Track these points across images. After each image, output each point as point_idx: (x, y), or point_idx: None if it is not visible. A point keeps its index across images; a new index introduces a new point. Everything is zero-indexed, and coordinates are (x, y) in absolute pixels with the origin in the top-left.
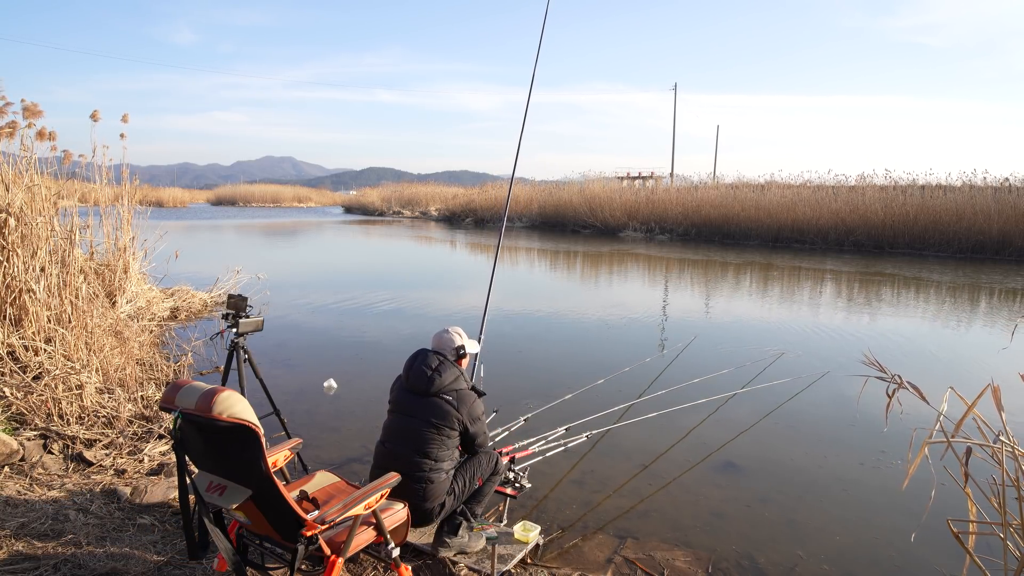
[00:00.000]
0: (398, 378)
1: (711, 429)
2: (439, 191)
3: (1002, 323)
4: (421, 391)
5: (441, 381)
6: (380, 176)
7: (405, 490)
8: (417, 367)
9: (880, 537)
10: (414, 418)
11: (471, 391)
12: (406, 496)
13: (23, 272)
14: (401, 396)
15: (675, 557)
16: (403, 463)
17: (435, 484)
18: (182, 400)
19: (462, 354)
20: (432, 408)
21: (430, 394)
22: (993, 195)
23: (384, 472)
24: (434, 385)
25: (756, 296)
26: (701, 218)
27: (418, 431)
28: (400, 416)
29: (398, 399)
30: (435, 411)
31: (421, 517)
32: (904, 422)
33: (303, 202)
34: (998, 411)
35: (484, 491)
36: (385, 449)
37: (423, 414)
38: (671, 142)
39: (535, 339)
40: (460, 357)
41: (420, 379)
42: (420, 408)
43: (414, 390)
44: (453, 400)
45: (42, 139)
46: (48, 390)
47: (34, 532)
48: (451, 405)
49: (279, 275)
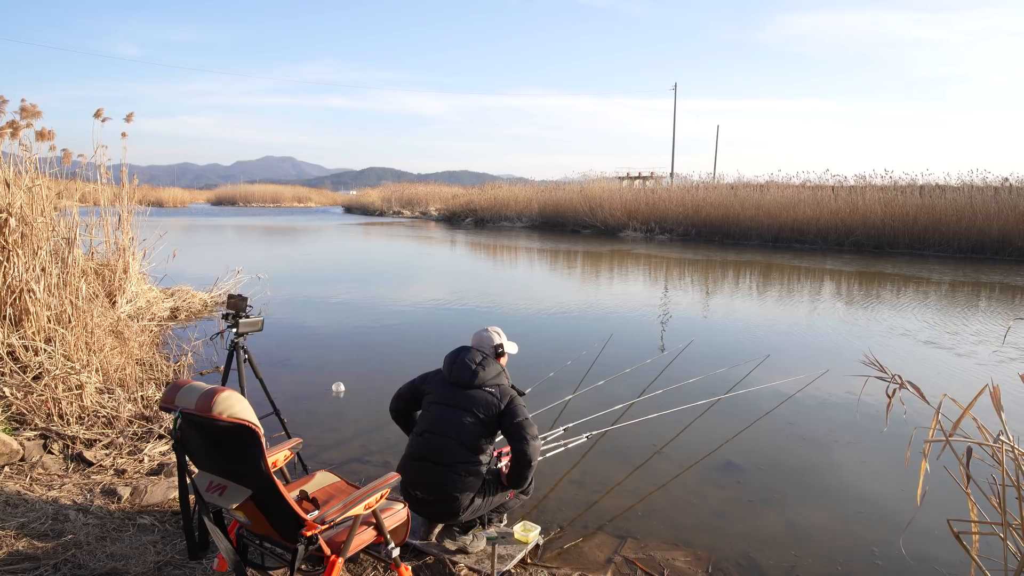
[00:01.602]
0: (433, 373)
1: (711, 429)
2: (439, 191)
3: (1003, 323)
4: (464, 384)
5: (485, 374)
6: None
7: (441, 479)
8: (461, 361)
9: (880, 537)
10: (458, 409)
11: (512, 388)
12: (441, 485)
13: (23, 272)
14: (443, 389)
15: (675, 557)
16: (442, 453)
17: (472, 477)
18: (182, 400)
19: (500, 352)
20: (475, 400)
21: (473, 386)
22: (993, 195)
23: (419, 463)
24: (478, 378)
25: (756, 296)
26: (701, 218)
27: (461, 421)
28: (442, 407)
29: (440, 391)
30: (478, 403)
31: (449, 510)
32: (905, 422)
33: (303, 202)
34: (997, 412)
35: (509, 505)
36: (423, 439)
37: (467, 405)
38: (671, 142)
39: (535, 339)
40: (499, 355)
41: (464, 372)
42: (463, 400)
43: (457, 383)
44: (496, 393)
45: (42, 139)
46: (48, 390)
47: (34, 532)
48: (495, 397)
49: (279, 275)
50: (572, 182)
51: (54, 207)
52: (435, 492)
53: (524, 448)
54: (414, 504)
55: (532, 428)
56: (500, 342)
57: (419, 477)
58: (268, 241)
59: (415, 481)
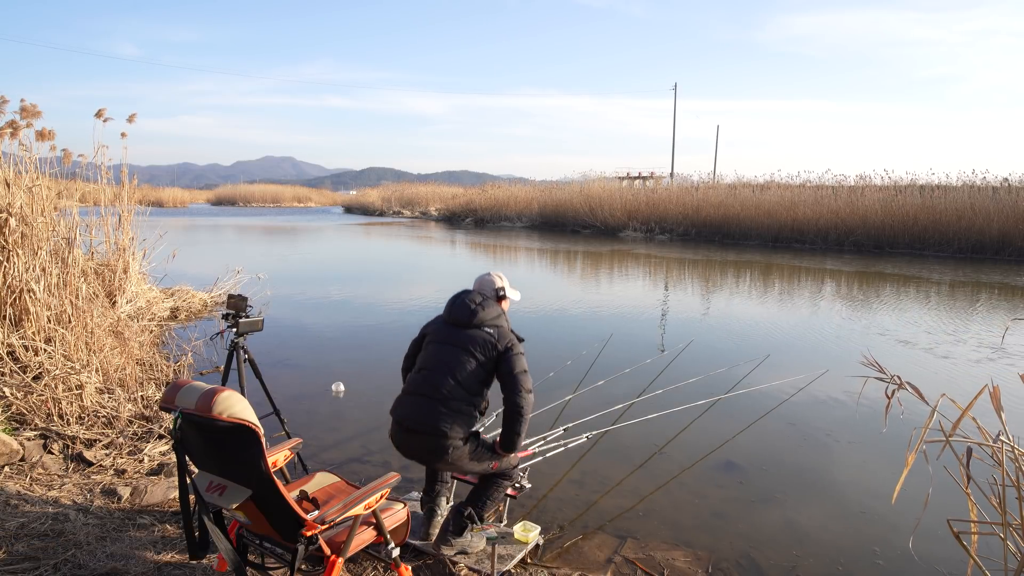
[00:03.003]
0: (434, 320)
1: (711, 429)
2: (439, 191)
3: (1002, 323)
4: (463, 323)
5: (484, 314)
6: (380, 176)
7: (431, 411)
8: (460, 301)
9: (880, 537)
10: (455, 347)
11: (512, 333)
12: (430, 417)
13: (23, 272)
14: (442, 329)
15: (675, 557)
16: (436, 388)
17: (463, 416)
18: (182, 400)
19: (502, 295)
20: (473, 339)
21: (472, 325)
22: (993, 195)
23: (411, 396)
24: (476, 317)
25: (756, 296)
26: (701, 218)
27: (458, 359)
28: (441, 345)
29: (439, 331)
30: (476, 341)
31: (436, 446)
32: (906, 423)
33: (303, 202)
34: (997, 412)
35: (492, 493)
36: (419, 376)
37: (464, 343)
38: (671, 142)
39: (535, 339)
40: (500, 298)
41: (463, 311)
42: (462, 339)
43: (456, 323)
44: (495, 334)
45: (42, 139)
46: (48, 390)
47: (34, 532)
48: (492, 337)
49: (279, 275)
50: (572, 182)
51: (54, 207)
52: (423, 425)
53: (518, 400)
54: (401, 440)
55: (528, 381)
56: (501, 285)
57: (409, 410)
58: (268, 241)
59: (405, 414)
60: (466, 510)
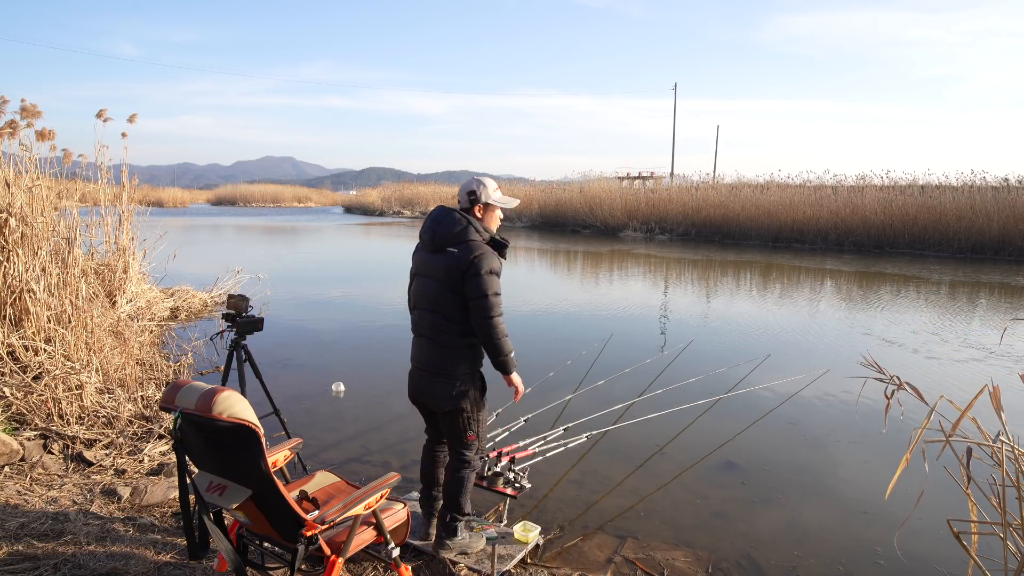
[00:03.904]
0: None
1: (711, 429)
2: (439, 191)
3: (1001, 323)
4: (430, 248)
5: (445, 231)
6: (380, 176)
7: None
8: (426, 221)
9: (880, 537)
10: (428, 277)
11: (485, 243)
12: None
13: (23, 272)
14: (420, 257)
15: (675, 557)
16: (427, 327)
17: (456, 350)
18: (182, 400)
19: (474, 200)
20: (439, 263)
21: (437, 249)
22: (993, 195)
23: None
24: (436, 237)
25: (756, 296)
26: (701, 218)
27: (430, 288)
28: (418, 277)
29: (417, 260)
30: (440, 266)
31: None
32: (906, 423)
33: (303, 202)
34: (997, 412)
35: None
36: (415, 315)
37: (433, 272)
38: (671, 142)
39: (535, 339)
40: (473, 204)
41: (426, 234)
42: (431, 266)
43: (425, 247)
44: (458, 252)
45: (42, 139)
46: (48, 390)
47: (34, 532)
48: (456, 257)
49: (279, 275)
50: (572, 182)
51: (54, 207)
52: (428, 365)
53: (482, 327)
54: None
55: (493, 307)
56: (473, 188)
57: (416, 351)
58: (268, 241)
59: (413, 355)
60: (447, 515)
